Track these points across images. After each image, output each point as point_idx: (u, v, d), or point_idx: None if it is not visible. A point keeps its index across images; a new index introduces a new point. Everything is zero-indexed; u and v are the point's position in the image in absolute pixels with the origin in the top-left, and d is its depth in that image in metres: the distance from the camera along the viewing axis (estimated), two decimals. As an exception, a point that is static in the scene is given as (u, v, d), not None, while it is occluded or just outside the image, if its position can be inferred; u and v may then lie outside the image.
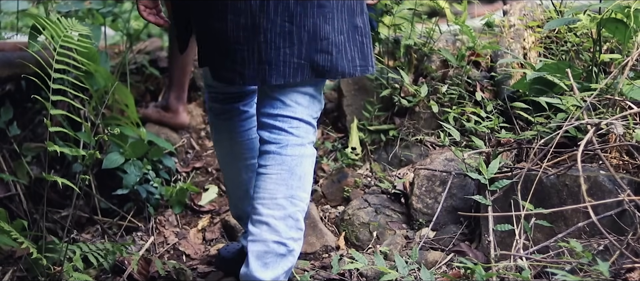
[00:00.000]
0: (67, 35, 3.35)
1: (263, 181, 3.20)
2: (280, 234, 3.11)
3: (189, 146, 4.42)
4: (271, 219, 3.13)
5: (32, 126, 4.18)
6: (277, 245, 3.10)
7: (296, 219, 3.16)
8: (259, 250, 3.11)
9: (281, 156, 3.19)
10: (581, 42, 3.97)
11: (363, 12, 3.11)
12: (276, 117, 3.17)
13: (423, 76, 4.05)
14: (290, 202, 3.16)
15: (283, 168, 3.18)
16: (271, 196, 3.17)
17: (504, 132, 3.56)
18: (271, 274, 3.08)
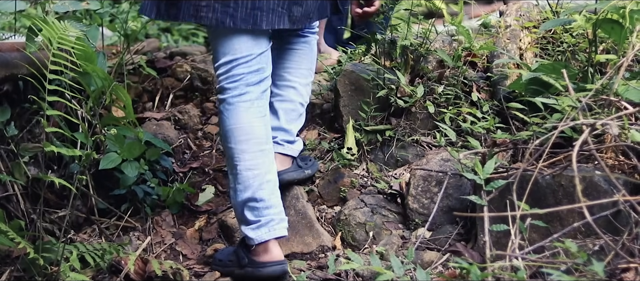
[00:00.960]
0: (62, 37, 3.36)
1: (289, 54, 4.01)
2: (303, 97, 4.00)
3: (186, 146, 4.43)
4: (297, 84, 4.00)
5: (30, 126, 4.18)
6: (301, 105, 4.00)
7: (311, 87, 4.09)
8: (287, 107, 3.98)
9: (306, 37, 4.01)
10: (577, 42, 3.98)
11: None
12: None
13: (419, 76, 4.05)
14: (310, 72, 4.05)
15: (307, 45, 4.03)
16: (299, 66, 4.03)
17: (499, 132, 3.56)
18: (295, 127, 3.97)
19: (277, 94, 3.97)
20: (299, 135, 4.13)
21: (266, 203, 3.56)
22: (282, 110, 3.97)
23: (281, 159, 3.90)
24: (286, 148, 3.94)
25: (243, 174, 3.59)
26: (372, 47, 4.23)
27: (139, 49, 5.28)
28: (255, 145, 3.62)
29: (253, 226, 3.53)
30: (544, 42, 4.21)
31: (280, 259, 3.52)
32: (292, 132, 3.96)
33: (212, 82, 4.71)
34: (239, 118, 3.62)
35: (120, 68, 4.45)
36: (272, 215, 3.54)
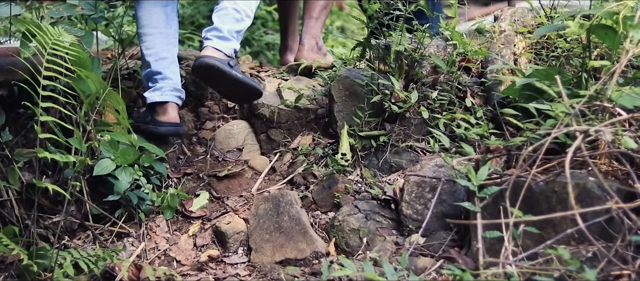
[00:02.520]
0: (56, 42, 3.36)
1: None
2: (237, 6, 4.52)
3: (180, 151, 4.43)
4: (231, 1, 4.53)
5: (25, 131, 4.18)
6: (234, 11, 4.50)
7: (250, 3, 4.58)
8: (221, 14, 4.51)
9: None
10: (571, 47, 3.98)
11: None
12: None
13: (414, 81, 4.06)
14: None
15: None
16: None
17: (493, 138, 3.56)
18: (226, 27, 4.45)
19: (216, 7, 4.61)
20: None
21: (162, 75, 4.51)
22: (216, 16, 4.54)
23: (212, 51, 4.40)
24: (214, 42, 4.42)
25: (144, 52, 4.60)
26: (366, 52, 4.22)
27: (134, 53, 5.28)
28: (153, 29, 4.64)
29: (150, 91, 4.49)
30: (538, 47, 4.22)
31: (176, 121, 4.43)
32: (223, 30, 4.45)
33: (206, 88, 4.71)
34: (142, 8, 4.69)
35: (114, 73, 4.44)
36: (165, 84, 4.49)
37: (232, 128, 4.52)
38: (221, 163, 4.37)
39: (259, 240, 3.62)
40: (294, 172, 4.10)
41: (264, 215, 3.69)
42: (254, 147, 4.45)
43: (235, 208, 3.96)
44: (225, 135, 4.49)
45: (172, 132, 4.44)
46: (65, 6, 4.48)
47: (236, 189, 4.16)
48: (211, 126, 4.59)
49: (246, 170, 4.27)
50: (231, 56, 4.44)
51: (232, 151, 4.44)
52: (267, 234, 3.61)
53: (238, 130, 4.51)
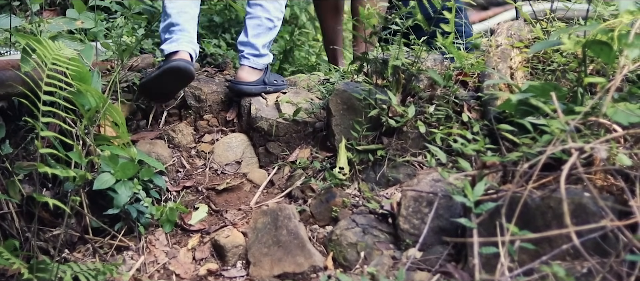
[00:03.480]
0: (57, 57, 3.38)
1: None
2: (269, 12, 4.91)
3: (180, 164, 4.45)
4: (264, 2, 4.91)
5: (25, 143, 4.19)
6: (267, 20, 4.90)
7: (280, 4, 4.97)
8: (253, 23, 4.90)
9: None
10: (567, 61, 4.01)
11: None
12: None
13: (411, 95, 4.08)
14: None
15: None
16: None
17: (490, 153, 3.59)
18: (260, 41, 4.85)
19: (248, 12, 4.97)
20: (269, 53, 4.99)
21: (180, 27, 4.76)
22: (250, 26, 4.91)
23: (248, 70, 4.85)
24: (252, 61, 4.85)
25: (166, 4, 4.83)
26: (364, 66, 4.25)
27: (134, 64, 5.29)
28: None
29: (167, 42, 4.69)
30: (534, 61, 4.24)
31: (185, 59, 4.57)
32: (257, 46, 4.86)
33: (205, 100, 4.74)
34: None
35: (114, 86, 4.46)
36: (181, 36, 4.73)
37: (231, 141, 4.55)
38: (220, 176, 4.40)
39: (257, 253, 3.64)
40: (292, 185, 4.12)
41: (263, 229, 3.71)
42: (252, 160, 4.47)
43: (234, 221, 3.98)
44: (224, 148, 4.52)
45: (183, 65, 4.49)
46: (65, 20, 4.51)
47: (235, 203, 4.18)
48: (210, 138, 4.61)
49: (245, 183, 4.29)
50: (263, 68, 4.93)
51: (230, 164, 4.47)
52: (266, 248, 3.63)
53: (237, 143, 4.53)
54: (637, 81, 3.75)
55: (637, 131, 3.15)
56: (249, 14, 4.96)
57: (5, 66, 4.07)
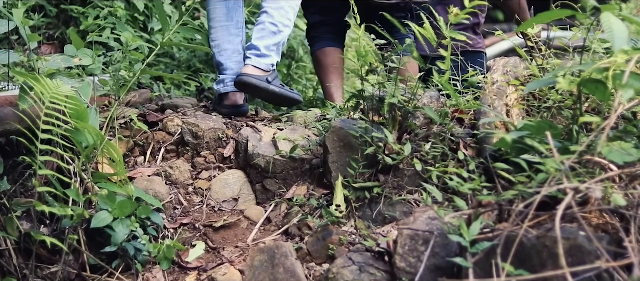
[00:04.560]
0: (55, 95, 3.40)
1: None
2: (273, 17, 5.31)
3: (177, 201, 4.46)
4: (269, 8, 5.35)
5: (23, 180, 4.21)
6: (270, 24, 5.30)
7: (286, 11, 5.38)
8: (258, 27, 5.33)
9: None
10: (563, 99, 4.02)
11: None
12: None
13: (407, 132, 4.10)
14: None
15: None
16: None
17: (485, 192, 3.60)
18: (263, 43, 5.26)
19: (257, 20, 5.41)
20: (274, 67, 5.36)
21: (223, 66, 5.38)
22: (255, 31, 5.33)
23: (251, 68, 5.21)
24: (253, 60, 5.22)
25: (210, 43, 5.47)
26: (360, 104, 4.27)
27: (131, 99, 5.32)
28: (216, 22, 5.46)
29: (216, 82, 5.39)
30: (530, 98, 4.26)
31: (236, 104, 5.30)
32: (259, 47, 5.24)
33: (202, 136, 4.75)
34: (208, 3, 5.49)
35: (111, 122, 4.48)
36: (226, 76, 5.36)
37: (228, 178, 4.56)
38: (217, 212, 4.40)
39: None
40: (288, 223, 4.13)
41: (259, 267, 3.71)
42: (249, 197, 4.48)
43: (231, 258, 3.98)
44: (221, 185, 4.53)
45: (234, 113, 5.25)
46: (63, 57, 4.53)
47: (232, 240, 4.19)
48: (207, 175, 4.62)
49: (242, 220, 4.30)
50: (269, 69, 5.26)
51: (227, 201, 4.48)
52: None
53: (234, 180, 4.55)
54: (632, 118, 3.77)
55: (631, 170, 3.16)
56: (257, 22, 5.41)
57: (3, 102, 4.08)
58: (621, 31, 3.08)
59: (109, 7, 6.91)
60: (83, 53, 4.64)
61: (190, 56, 6.96)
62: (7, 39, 5.97)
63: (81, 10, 6.90)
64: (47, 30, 6.99)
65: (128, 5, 7.13)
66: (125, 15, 6.93)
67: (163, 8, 4.88)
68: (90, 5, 6.99)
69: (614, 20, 3.11)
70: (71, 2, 7.06)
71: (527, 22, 3.61)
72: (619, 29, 3.08)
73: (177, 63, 6.89)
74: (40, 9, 6.93)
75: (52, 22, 7.06)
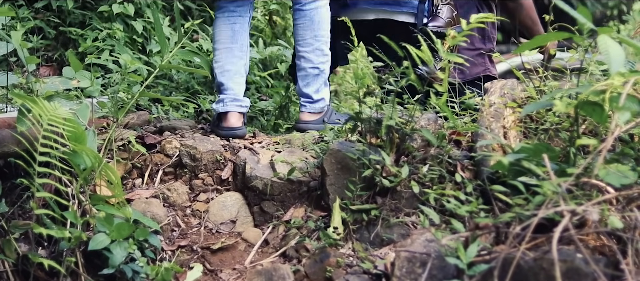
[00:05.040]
0: (53, 117, 3.41)
1: (296, 29, 5.60)
2: (312, 62, 5.53)
3: (175, 223, 4.46)
4: (305, 53, 5.56)
5: (21, 202, 4.21)
6: (312, 69, 5.55)
7: (321, 49, 5.56)
8: (301, 75, 5.59)
9: (303, 11, 5.55)
10: (560, 121, 4.03)
11: None
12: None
13: (405, 155, 4.10)
14: (314, 39, 5.54)
15: (306, 18, 5.54)
16: (302, 38, 5.57)
17: (482, 214, 3.60)
18: (312, 89, 5.57)
19: (296, 64, 5.64)
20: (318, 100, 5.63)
21: (224, 86, 5.49)
22: (299, 77, 5.60)
23: (307, 115, 5.59)
24: (308, 107, 5.59)
25: (213, 65, 5.57)
26: (357, 126, 4.27)
27: (129, 121, 5.32)
28: (220, 44, 5.57)
29: (215, 102, 5.49)
30: (527, 120, 4.27)
31: (234, 126, 5.39)
32: (309, 94, 5.57)
33: (200, 159, 4.76)
34: (214, 25, 5.67)
35: (110, 144, 4.48)
36: (226, 96, 5.45)
37: (226, 200, 4.56)
38: (215, 235, 4.40)
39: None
40: (286, 245, 4.13)
41: (257, 289, 3.71)
42: (247, 219, 4.48)
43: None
44: (219, 207, 4.53)
45: (231, 135, 5.31)
46: (61, 80, 4.55)
47: (229, 262, 4.18)
48: (205, 197, 4.62)
49: (239, 242, 4.30)
50: (323, 111, 5.62)
51: (225, 223, 4.48)
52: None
53: (231, 202, 4.54)
54: (629, 141, 3.78)
55: (629, 192, 3.17)
56: (297, 66, 5.65)
57: (1, 125, 4.09)
58: (618, 54, 3.08)
59: (107, 29, 6.92)
60: (81, 75, 4.66)
61: (188, 78, 6.96)
62: (5, 61, 5.99)
63: (80, 33, 6.91)
64: (46, 53, 7.00)
65: (126, 27, 7.15)
66: (124, 38, 6.95)
67: (162, 30, 4.88)
68: (89, 28, 7.00)
69: (610, 43, 3.12)
70: (70, 25, 7.07)
71: (525, 45, 3.61)
72: (615, 52, 3.09)
73: (176, 85, 6.89)
74: (39, 31, 6.95)
75: (51, 45, 7.07)
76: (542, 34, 6.40)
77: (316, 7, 5.57)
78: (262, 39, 8.09)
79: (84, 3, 7.20)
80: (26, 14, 6.81)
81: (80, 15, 7.10)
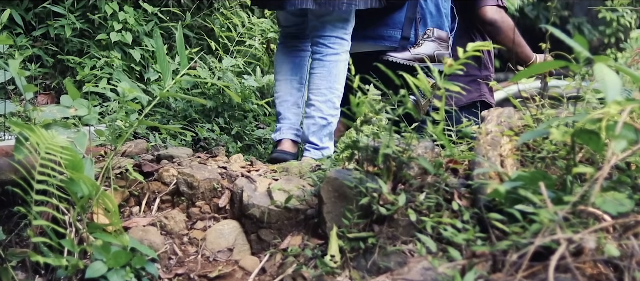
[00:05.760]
0: (50, 146, 3.42)
1: (312, 78, 5.71)
2: (322, 111, 5.64)
3: (172, 251, 4.45)
4: (316, 102, 5.65)
5: (18, 230, 4.21)
6: (320, 118, 5.65)
7: (333, 102, 5.67)
8: (309, 122, 5.68)
9: (322, 61, 5.65)
10: (557, 149, 4.04)
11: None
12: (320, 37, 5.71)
13: (402, 183, 4.10)
14: (329, 91, 5.64)
15: (323, 68, 5.64)
16: (317, 87, 5.66)
17: (479, 242, 3.60)
18: (317, 138, 5.68)
19: (306, 111, 5.76)
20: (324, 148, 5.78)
21: (282, 116, 5.90)
22: (306, 125, 5.71)
23: (311, 161, 5.39)
24: (312, 153, 5.70)
25: (274, 94, 6.04)
26: (354, 153, 4.28)
27: (127, 149, 5.33)
28: (281, 75, 6.02)
29: (274, 132, 5.91)
30: (524, 149, 4.27)
31: (286, 150, 5.78)
32: (315, 142, 5.68)
33: (197, 187, 4.76)
34: (276, 58, 6.11)
35: (107, 172, 4.48)
36: (283, 124, 5.86)
37: (223, 228, 4.55)
38: (212, 263, 4.39)
39: (248, 342, 3.64)
40: (283, 273, 4.12)
41: (254, 317, 3.71)
42: (244, 247, 4.48)
43: (226, 309, 3.98)
44: (216, 235, 4.53)
45: (281, 157, 5.67)
46: (59, 108, 4.55)
47: (227, 290, 4.18)
48: (202, 225, 4.62)
49: (236, 270, 4.29)
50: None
51: (222, 251, 4.47)
52: (257, 336, 3.64)
53: (229, 230, 4.54)
54: (626, 168, 3.79)
55: (625, 220, 3.17)
56: (306, 114, 5.78)
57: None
58: (614, 82, 3.10)
59: (105, 57, 6.94)
60: (79, 103, 4.66)
61: (186, 106, 6.98)
62: (3, 89, 6.00)
63: (78, 61, 6.94)
64: (44, 81, 7.02)
65: (124, 55, 7.17)
66: (122, 66, 6.97)
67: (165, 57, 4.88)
68: (87, 56, 7.03)
69: (607, 71, 3.14)
70: (68, 53, 7.10)
71: (521, 73, 3.63)
72: (612, 80, 3.10)
73: (173, 113, 6.91)
74: (37, 59, 6.98)
75: (48, 73, 7.10)
76: (528, 55, 6.56)
77: (336, 60, 5.69)
78: (260, 67, 8.10)
79: (82, 31, 7.23)
80: (24, 42, 6.84)
81: (79, 43, 7.13)
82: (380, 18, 6.34)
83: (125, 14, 7.17)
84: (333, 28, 5.73)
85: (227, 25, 8.43)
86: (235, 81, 7.40)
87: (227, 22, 8.45)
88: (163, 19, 7.76)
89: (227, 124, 7.05)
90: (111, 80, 6.69)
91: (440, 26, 6.46)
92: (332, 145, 5.78)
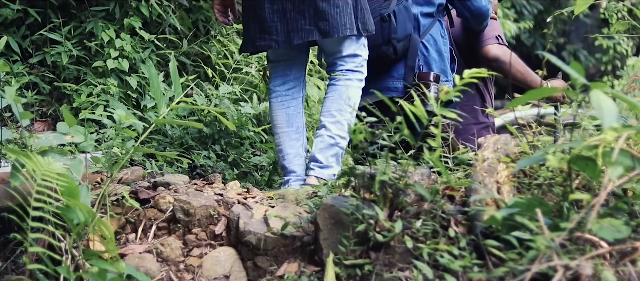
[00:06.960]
0: (46, 172, 3.41)
1: (324, 101, 5.83)
2: (330, 131, 5.70)
3: (168, 279, 4.43)
4: (327, 123, 5.72)
5: (14, 257, 4.20)
6: (329, 137, 5.69)
7: (342, 124, 5.70)
8: (317, 141, 5.74)
9: (335, 86, 5.80)
10: (553, 176, 4.04)
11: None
12: (334, 64, 5.87)
13: (398, 210, 4.10)
14: (339, 113, 5.71)
15: (335, 92, 5.77)
16: (327, 110, 5.76)
17: (476, 269, 3.60)
18: (323, 156, 5.70)
19: (316, 132, 5.83)
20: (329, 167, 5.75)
21: (287, 170, 5.91)
22: (314, 143, 5.75)
23: (314, 180, 5.61)
24: (317, 172, 5.69)
25: (275, 147, 6.06)
26: (351, 181, 4.28)
27: (123, 176, 5.32)
28: (278, 128, 5.99)
29: (282, 184, 5.96)
30: (521, 175, 4.27)
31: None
32: (320, 159, 5.69)
33: (194, 214, 4.75)
34: (270, 109, 6.06)
35: (103, 199, 4.48)
36: (290, 177, 5.87)
37: (219, 255, 4.54)
38: (208, 290, 4.39)
39: None
40: (280, 300, 4.12)
41: None
42: (240, 274, 4.46)
43: (222, 337, 3.97)
44: (212, 262, 4.51)
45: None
46: (55, 135, 4.55)
47: (222, 318, 4.17)
48: (198, 252, 4.60)
49: (233, 298, 4.29)
50: (331, 179, 5.55)
51: (219, 278, 4.45)
52: None
53: (225, 257, 4.53)
54: (622, 195, 3.79)
55: (622, 247, 3.17)
56: (316, 133, 5.83)
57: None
58: (611, 109, 3.10)
59: (102, 84, 6.95)
60: (75, 130, 4.66)
61: (182, 133, 6.98)
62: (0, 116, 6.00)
63: (74, 88, 6.94)
64: (40, 108, 7.01)
65: (121, 82, 7.17)
66: (118, 93, 6.97)
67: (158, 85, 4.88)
68: (83, 83, 7.02)
69: (603, 98, 3.14)
70: (64, 80, 7.10)
71: (517, 100, 3.63)
72: (608, 107, 3.11)
73: (170, 140, 6.90)
74: (34, 86, 6.97)
75: (45, 100, 7.09)
76: (536, 81, 6.62)
77: (346, 85, 5.77)
78: (256, 94, 8.11)
79: (78, 58, 7.23)
80: (21, 69, 6.84)
81: (75, 70, 7.13)
82: (384, 70, 6.53)
83: (121, 41, 7.17)
84: (343, 63, 5.84)
85: (223, 52, 8.44)
86: (232, 108, 7.40)
87: (223, 50, 8.45)
88: (160, 46, 7.77)
89: (223, 151, 7.05)
90: (108, 107, 6.69)
91: (444, 71, 6.59)
92: (338, 168, 5.74)
